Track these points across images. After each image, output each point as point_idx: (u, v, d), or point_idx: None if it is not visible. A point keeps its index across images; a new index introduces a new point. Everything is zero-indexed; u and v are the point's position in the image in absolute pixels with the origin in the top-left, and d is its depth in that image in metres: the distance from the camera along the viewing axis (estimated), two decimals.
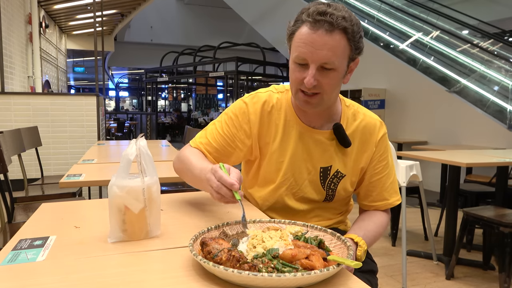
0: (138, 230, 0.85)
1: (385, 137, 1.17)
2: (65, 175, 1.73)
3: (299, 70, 1.01)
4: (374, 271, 1.17)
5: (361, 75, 6.60)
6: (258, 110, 1.14)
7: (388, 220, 1.18)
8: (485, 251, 2.72)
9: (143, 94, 20.62)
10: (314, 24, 0.95)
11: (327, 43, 0.95)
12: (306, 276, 0.62)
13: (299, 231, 0.82)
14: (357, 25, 0.98)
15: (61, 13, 8.68)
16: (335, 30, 0.95)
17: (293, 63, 1.03)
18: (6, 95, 4.07)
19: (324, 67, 0.98)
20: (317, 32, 0.95)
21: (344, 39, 0.97)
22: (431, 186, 5.06)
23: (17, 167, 2.82)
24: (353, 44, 0.99)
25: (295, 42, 1.00)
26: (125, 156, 0.83)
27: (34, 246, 0.81)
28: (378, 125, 1.16)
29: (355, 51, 1.01)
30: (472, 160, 2.76)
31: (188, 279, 0.67)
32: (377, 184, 1.16)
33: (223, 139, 1.15)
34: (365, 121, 1.15)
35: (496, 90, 5.30)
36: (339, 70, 1.00)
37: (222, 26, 15.99)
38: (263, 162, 1.17)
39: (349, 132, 1.13)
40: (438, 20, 6.36)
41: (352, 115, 1.15)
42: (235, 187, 0.87)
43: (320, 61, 0.97)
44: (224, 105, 16.23)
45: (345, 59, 1.00)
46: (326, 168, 1.13)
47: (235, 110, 1.16)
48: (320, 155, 1.13)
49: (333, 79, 1.00)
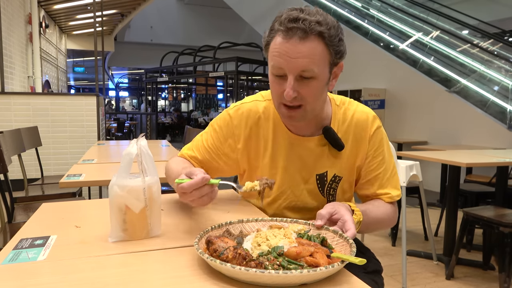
0: (138, 229, 0.85)
1: (379, 130, 1.10)
2: (65, 175, 1.73)
3: (278, 82, 0.96)
4: (379, 271, 1.15)
5: (361, 75, 6.60)
6: (243, 123, 1.10)
7: (393, 210, 1.10)
8: (485, 251, 2.72)
9: (143, 94, 20.62)
10: (287, 33, 0.91)
11: (302, 51, 0.90)
12: (312, 273, 0.63)
13: (302, 229, 0.83)
14: (334, 28, 0.93)
15: (61, 13, 8.68)
16: (309, 37, 0.90)
17: (271, 75, 0.98)
18: (6, 95, 4.07)
19: (303, 76, 0.93)
20: (291, 41, 0.90)
21: (321, 45, 0.92)
22: (431, 186, 5.06)
23: (17, 167, 2.82)
24: (332, 48, 0.93)
25: (270, 53, 0.95)
26: (126, 156, 0.83)
27: (35, 245, 0.81)
28: (371, 119, 1.09)
29: (335, 56, 0.95)
30: (472, 160, 2.76)
31: (189, 279, 0.67)
32: (374, 182, 1.10)
33: (207, 152, 1.14)
34: (356, 117, 1.08)
35: (496, 90, 5.30)
36: (320, 78, 0.94)
37: (222, 26, 15.99)
38: (255, 175, 1.12)
39: (341, 133, 1.08)
40: (438, 20, 6.37)
41: (343, 114, 1.09)
42: (207, 178, 0.83)
43: (297, 70, 0.92)
44: (224, 105, 16.25)
45: (325, 66, 0.94)
46: (322, 175, 1.09)
47: (220, 123, 1.13)
48: (314, 163, 1.08)
49: (314, 88, 0.95)
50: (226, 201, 1.21)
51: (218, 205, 1.14)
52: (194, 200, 0.85)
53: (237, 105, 1.13)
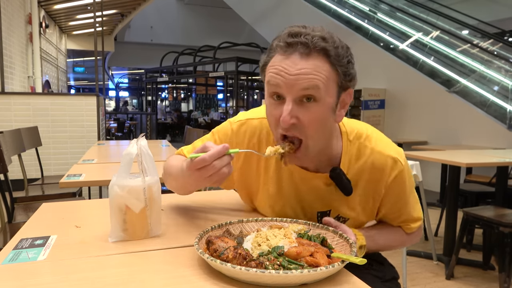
0: (139, 229, 0.85)
1: (400, 177, 0.92)
2: (65, 175, 1.74)
3: (275, 106, 0.82)
4: (396, 278, 1.09)
5: (361, 75, 6.54)
6: (245, 142, 0.98)
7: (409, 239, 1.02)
8: (485, 251, 2.72)
9: (143, 94, 20.62)
10: (287, 48, 0.78)
11: (303, 68, 0.77)
12: (312, 273, 0.63)
13: (302, 229, 0.83)
14: (342, 48, 0.80)
15: (61, 13, 8.67)
16: (312, 53, 0.77)
17: (268, 98, 0.84)
18: (6, 95, 4.07)
19: (305, 97, 0.79)
20: (291, 57, 0.78)
21: (327, 63, 0.78)
22: (431, 186, 5.06)
23: (17, 167, 2.82)
24: (340, 69, 0.80)
25: (268, 73, 0.82)
26: (126, 156, 0.83)
27: (35, 245, 0.81)
28: (390, 163, 0.90)
29: (344, 78, 0.81)
30: (472, 160, 2.76)
31: (189, 279, 0.67)
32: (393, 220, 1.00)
33: None
34: (372, 158, 0.91)
35: (496, 90, 5.30)
36: (324, 102, 0.79)
37: (222, 26, 15.98)
38: (256, 197, 1.03)
39: (352, 172, 0.92)
40: (438, 20, 6.37)
41: (357, 151, 0.92)
42: (227, 146, 0.77)
43: (297, 90, 0.78)
44: (224, 105, 16.23)
45: (331, 87, 0.80)
46: (324, 213, 0.97)
47: (221, 136, 1.02)
48: (315, 200, 0.96)
49: (316, 114, 0.80)
50: (226, 201, 1.21)
51: (219, 206, 1.14)
52: (214, 174, 0.77)
53: (242, 119, 1.00)
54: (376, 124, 6.31)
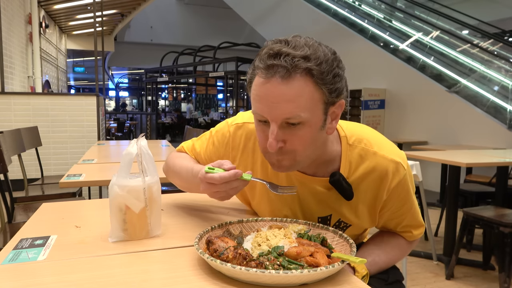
0: (138, 229, 0.85)
1: (403, 181, 0.90)
2: (65, 175, 1.73)
3: (262, 128, 0.81)
4: (400, 280, 1.07)
5: (361, 75, 6.60)
6: (242, 145, 0.98)
7: (409, 247, 1.02)
8: (485, 251, 2.72)
9: (143, 94, 20.63)
10: (267, 72, 0.75)
11: (284, 94, 0.74)
12: (312, 273, 0.63)
13: (302, 229, 0.83)
14: (327, 62, 0.76)
15: (61, 13, 8.67)
16: (293, 76, 0.74)
17: (255, 120, 0.84)
18: (6, 95, 4.06)
19: (290, 123, 0.77)
20: (271, 81, 0.75)
21: (310, 84, 0.75)
22: (431, 186, 5.06)
23: (17, 167, 2.82)
24: (325, 87, 0.76)
25: (252, 95, 0.80)
26: (126, 156, 0.83)
27: (35, 245, 0.81)
28: (392, 169, 0.88)
29: (330, 95, 0.78)
30: (472, 160, 2.76)
31: (189, 279, 0.67)
32: (395, 226, 1.00)
33: (206, 162, 1.04)
34: (374, 163, 0.89)
35: (496, 90, 5.30)
36: (311, 123, 0.78)
37: (222, 26, 15.98)
38: (254, 199, 1.03)
39: (353, 176, 0.90)
40: (438, 20, 6.37)
41: (358, 156, 0.90)
42: (239, 173, 0.79)
43: (281, 117, 0.76)
44: (224, 105, 16.23)
45: (317, 108, 0.77)
46: (325, 218, 0.95)
47: (219, 138, 1.02)
48: (314, 205, 0.94)
49: (304, 135, 0.79)
50: (226, 201, 1.21)
51: (219, 206, 1.14)
52: (220, 192, 0.80)
53: (239, 123, 0.99)
54: (376, 124, 6.32)
